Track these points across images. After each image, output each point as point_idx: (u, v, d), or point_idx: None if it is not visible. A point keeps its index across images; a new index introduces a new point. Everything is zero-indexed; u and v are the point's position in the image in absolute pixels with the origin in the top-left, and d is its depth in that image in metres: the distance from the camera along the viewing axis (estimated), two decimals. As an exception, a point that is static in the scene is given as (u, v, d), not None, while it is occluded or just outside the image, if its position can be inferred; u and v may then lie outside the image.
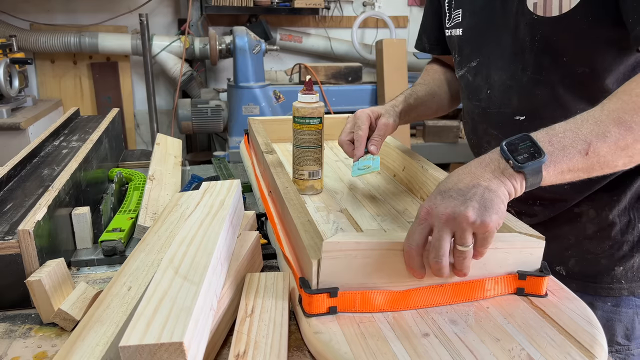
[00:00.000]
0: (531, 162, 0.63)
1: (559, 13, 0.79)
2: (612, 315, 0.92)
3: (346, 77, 3.32)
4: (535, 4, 0.82)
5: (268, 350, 0.57)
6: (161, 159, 1.20)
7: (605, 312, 0.92)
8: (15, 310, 0.72)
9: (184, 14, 3.38)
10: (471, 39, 0.96)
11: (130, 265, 0.72)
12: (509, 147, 0.65)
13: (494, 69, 0.91)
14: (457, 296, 0.68)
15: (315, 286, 0.65)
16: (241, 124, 3.05)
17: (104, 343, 0.57)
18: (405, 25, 3.83)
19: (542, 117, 0.86)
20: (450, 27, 1.02)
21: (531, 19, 0.83)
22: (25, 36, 3.14)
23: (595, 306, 0.92)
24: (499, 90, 0.91)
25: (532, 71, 0.86)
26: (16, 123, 2.48)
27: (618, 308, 0.92)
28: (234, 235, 0.75)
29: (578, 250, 0.94)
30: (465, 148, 3.37)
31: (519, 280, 0.70)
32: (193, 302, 0.52)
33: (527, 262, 0.70)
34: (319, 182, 1.08)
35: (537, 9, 0.82)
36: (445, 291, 0.68)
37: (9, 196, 0.87)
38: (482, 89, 0.94)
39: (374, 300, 0.66)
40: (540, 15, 0.82)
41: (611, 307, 0.92)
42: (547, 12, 0.81)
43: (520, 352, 0.59)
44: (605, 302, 0.92)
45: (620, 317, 0.92)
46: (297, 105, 1.03)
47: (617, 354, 0.93)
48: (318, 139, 1.04)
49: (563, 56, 0.82)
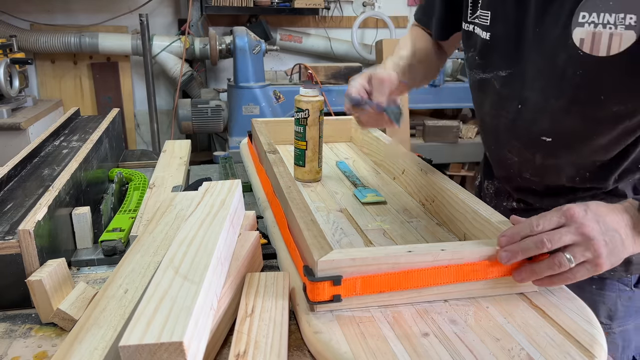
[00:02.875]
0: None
1: (606, 54, 0.77)
2: (597, 297, 0.95)
3: (346, 77, 3.31)
4: (583, 40, 0.79)
5: (268, 350, 0.57)
6: (165, 166, 1.20)
7: (591, 293, 0.95)
8: (15, 310, 0.72)
9: (184, 14, 3.38)
10: (501, 48, 0.92)
11: (126, 267, 0.72)
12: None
13: (528, 88, 0.89)
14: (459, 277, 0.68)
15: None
16: (241, 124, 3.05)
17: (102, 347, 0.57)
18: (405, 25, 3.83)
19: (569, 142, 0.88)
20: (472, 23, 0.98)
21: (575, 53, 0.80)
22: (25, 36, 3.14)
23: (582, 288, 0.94)
24: (530, 109, 0.90)
25: (567, 101, 0.85)
26: (16, 123, 2.48)
27: (602, 291, 0.95)
28: (234, 235, 0.75)
29: None
30: (465, 148, 3.38)
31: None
32: (193, 301, 0.52)
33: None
34: (318, 172, 1.15)
35: (583, 46, 0.79)
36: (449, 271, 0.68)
37: (9, 196, 0.87)
38: (512, 102, 0.93)
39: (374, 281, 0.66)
40: (586, 52, 0.79)
41: (596, 290, 0.95)
42: (594, 50, 0.78)
43: (520, 352, 0.59)
44: (591, 286, 0.95)
45: (604, 299, 0.95)
46: (299, 97, 1.11)
47: None
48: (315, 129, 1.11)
49: (601, 94, 0.81)
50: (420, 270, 0.66)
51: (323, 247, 0.67)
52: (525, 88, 0.90)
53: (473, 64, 1.00)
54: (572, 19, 0.79)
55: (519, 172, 0.99)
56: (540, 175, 0.96)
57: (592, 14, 0.77)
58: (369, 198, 1.04)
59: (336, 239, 0.87)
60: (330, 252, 0.65)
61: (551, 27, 0.84)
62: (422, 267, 0.66)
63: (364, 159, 1.31)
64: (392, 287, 0.66)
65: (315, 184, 1.14)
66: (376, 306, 0.67)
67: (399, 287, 0.66)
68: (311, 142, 1.11)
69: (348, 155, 1.34)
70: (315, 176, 1.15)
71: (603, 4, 0.76)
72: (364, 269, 0.65)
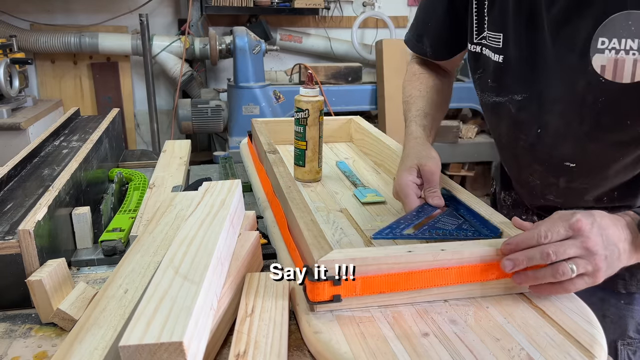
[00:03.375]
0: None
1: (630, 81, 0.75)
2: (625, 312, 0.95)
3: (346, 77, 3.31)
4: (604, 67, 0.76)
5: (268, 350, 0.57)
6: (165, 166, 1.20)
7: (619, 309, 0.95)
8: (15, 310, 0.72)
9: (184, 14, 3.38)
10: (516, 72, 0.89)
11: (126, 267, 0.72)
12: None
13: (548, 113, 0.86)
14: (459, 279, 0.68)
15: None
16: (241, 124, 3.05)
17: (102, 347, 0.57)
18: (405, 25, 3.83)
19: (594, 166, 0.87)
20: (479, 44, 0.95)
21: (596, 80, 0.77)
22: (25, 36, 3.14)
23: (609, 302, 0.95)
24: (551, 134, 0.88)
25: (590, 127, 0.82)
26: (16, 123, 2.48)
27: (631, 306, 0.95)
28: (234, 235, 0.75)
29: None
30: (465, 148, 3.38)
31: None
32: (193, 301, 0.52)
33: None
34: (318, 172, 1.15)
35: (605, 73, 0.76)
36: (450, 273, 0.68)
37: (9, 196, 0.87)
38: (531, 127, 0.90)
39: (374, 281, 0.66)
40: (608, 79, 0.76)
41: (624, 305, 0.95)
42: (617, 77, 0.76)
43: (520, 352, 0.59)
44: (619, 300, 0.95)
45: (633, 313, 0.95)
46: (299, 97, 1.10)
47: (629, 347, 0.96)
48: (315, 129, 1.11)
49: (627, 119, 0.79)
50: (420, 271, 0.66)
51: (323, 247, 0.67)
52: (544, 112, 0.87)
53: (485, 86, 0.96)
54: (591, 44, 0.77)
55: (542, 194, 0.96)
56: (564, 196, 0.94)
57: (613, 40, 0.75)
58: (369, 198, 1.04)
59: (336, 239, 0.87)
60: (330, 252, 0.65)
61: (567, 52, 0.80)
62: (422, 267, 0.66)
63: (364, 159, 1.31)
64: (392, 287, 0.66)
65: (315, 184, 1.14)
66: (376, 306, 0.67)
67: (399, 287, 0.66)
68: (311, 142, 1.11)
69: (348, 155, 1.34)
70: (315, 176, 1.15)
71: (624, 29, 0.73)
72: (364, 269, 0.65)
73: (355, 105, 3.31)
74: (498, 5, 0.89)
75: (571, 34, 0.79)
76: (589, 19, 0.77)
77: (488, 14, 0.92)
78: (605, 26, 0.75)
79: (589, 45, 0.77)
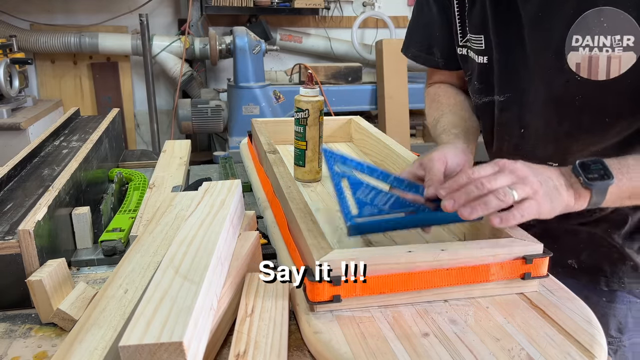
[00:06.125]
0: (600, 182, 0.68)
1: (606, 78, 0.75)
2: (607, 310, 0.94)
3: (346, 77, 3.32)
4: (579, 64, 0.77)
5: (268, 350, 0.57)
6: (165, 166, 1.20)
7: (601, 307, 0.94)
8: (15, 310, 0.72)
9: (184, 14, 3.38)
10: (498, 72, 0.90)
11: (126, 267, 0.72)
12: (581, 166, 0.69)
13: (528, 113, 0.88)
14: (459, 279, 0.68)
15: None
16: (241, 124, 3.06)
17: (102, 347, 0.57)
18: (405, 25, 3.82)
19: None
20: (464, 47, 0.95)
21: (573, 78, 0.78)
22: (25, 36, 3.14)
23: (591, 300, 0.93)
24: (533, 135, 0.89)
25: (570, 126, 0.83)
26: (16, 123, 2.48)
27: (613, 304, 0.94)
28: (234, 235, 0.75)
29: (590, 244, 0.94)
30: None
31: (525, 264, 0.69)
32: (193, 301, 0.52)
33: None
34: (318, 172, 1.15)
35: (580, 70, 0.77)
36: (450, 274, 0.67)
37: (9, 196, 0.87)
38: (514, 127, 0.91)
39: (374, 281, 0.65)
40: (584, 77, 0.77)
41: (606, 303, 0.94)
42: (592, 75, 0.76)
43: (520, 352, 0.59)
44: (601, 298, 0.94)
45: (615, 312, 0.94)
46: (299, 97, 1.11)
47: (610, 346, 0.95)
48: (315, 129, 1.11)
49: (605, 116, 0.80)
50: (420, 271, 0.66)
51: (323, 247, 0.67)
52: (525, 112, 0.88)
53: (473, 88, 0.97)
54: (565, 42, 0.77)
55: None
56: None
57: (586, 37, 0.75)
58: None
59: (336, 239, 0.87)
60: (330, 252, 0.65)
61: (544, 51, 0.81)
62: (422, 268, 0.66)
63: (364, 159, 1.31)
64: (392, 288, 0.66)
65: (315, 184, 1.14)
66: (376, 306, 0.67)
67: (398, 287, 0.66)
68: (311, 142, 1.11)
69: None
70: (315, 176, 1.15)
71: (597, 27, 0.74)
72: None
73: (355, 105, 3.31)
74: (477, 8, 0.90)
75: (547, 32, 0.80)
76: (563, 17, 0.77)
77: (468, 17, 0.93)
78: (579, 24, 0.76)
79: (563, 43, 0.78)
